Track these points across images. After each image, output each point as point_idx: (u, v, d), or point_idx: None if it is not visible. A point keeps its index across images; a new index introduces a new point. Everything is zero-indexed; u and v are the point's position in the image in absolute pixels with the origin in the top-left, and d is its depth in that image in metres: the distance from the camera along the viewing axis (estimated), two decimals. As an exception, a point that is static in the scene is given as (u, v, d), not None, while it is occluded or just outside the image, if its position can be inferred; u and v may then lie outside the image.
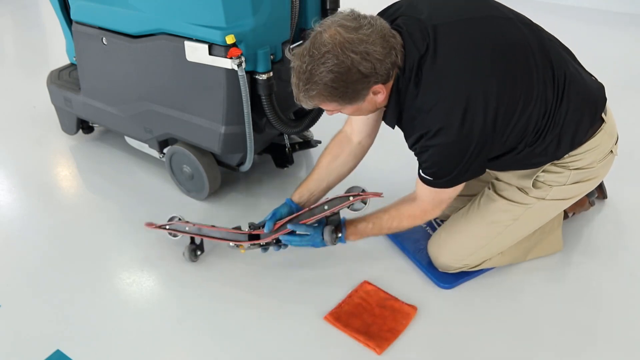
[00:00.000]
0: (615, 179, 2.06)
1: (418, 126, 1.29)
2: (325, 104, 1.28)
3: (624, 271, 1.68)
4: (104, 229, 1.88)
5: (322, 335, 1.48)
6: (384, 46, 1.20)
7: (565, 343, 1.45)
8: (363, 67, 1.18)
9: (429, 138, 1.27)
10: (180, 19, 1.63)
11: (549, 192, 1.48)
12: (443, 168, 1.32)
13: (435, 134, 1.25)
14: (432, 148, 1.28)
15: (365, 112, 1.37)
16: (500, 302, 1.58)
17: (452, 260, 1.58)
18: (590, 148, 1.43)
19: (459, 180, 1.36)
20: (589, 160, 1.45)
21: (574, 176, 1.46)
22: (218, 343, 1.47)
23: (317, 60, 1.19)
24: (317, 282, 1.65)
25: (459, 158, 1.29)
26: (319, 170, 1.63)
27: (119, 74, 1.93)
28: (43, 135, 2.46)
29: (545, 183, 1.47)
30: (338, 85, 1.21)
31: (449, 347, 1.45)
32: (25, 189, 2.13)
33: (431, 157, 1.31)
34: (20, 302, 1.60)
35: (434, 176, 1.34)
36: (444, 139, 1.25)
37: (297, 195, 1.64)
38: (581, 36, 3.56)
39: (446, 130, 1.24)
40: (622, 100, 2.76)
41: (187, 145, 1.89)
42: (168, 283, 1.66)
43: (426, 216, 1.49)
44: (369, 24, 1.20)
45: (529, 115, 1.31)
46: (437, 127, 1.25)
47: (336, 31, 1.18)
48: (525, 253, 1.67)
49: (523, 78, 1.28)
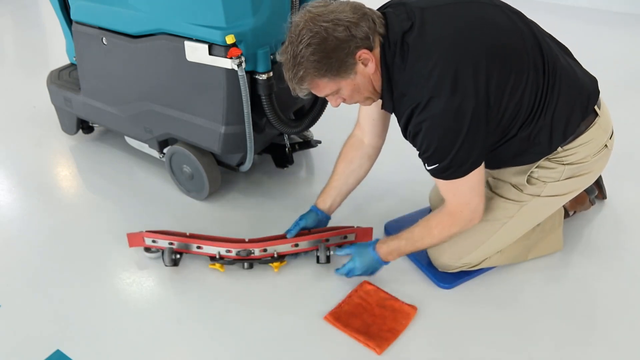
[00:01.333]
0: (615, 179, 2.06)
1: (408, 102, 1.27)
2: (317, 84, 1.29)
3: (624, 271, 1.68)
4: (104, 229, 1.88)
5: (322, 335, 1.48)
6: (355, 12, 1.24)
7: (566, 343, 1.45)
8: (337, 32, 1.21)
9: (420, 111, 1.24)
10: (180, 19, 1.63)
11: (543, 189, 1.48)
12: (441, 148, 1.27)
13: (425, 105, 1.23)
14: (425, 123, 1.25)
15: (365, 92, 1.35)
16: (500, 302, 1.58)
17: (451, 259, 1.58)
18: (584, 142, 1.42)
19: (465, 164, 1.30)
20: (582, 155, 1.44)
21: (568, 171, 1.45)
22: (218, 343, 1.47)
23: (296, 42, 1.23)
24: (317, 282, 1.65)
25: (455, 133, 1.25)
26: (337, 177, 1.67)
27: (119, 74, 1.93)
28: (43, 135, 2.46)
29: (540, 179, 1.47)
30: (320, 57, 1.23)
31: (449, 347, 1.45)
32: (25, 189, 2.13)
33: (426, 136, 1.27)
34: (20, 302, 1.60)
35: (437, 161, 1.30)
36: (435, 110, 1.23)
37: (321, 203, 1.69)
38: (581, 36, 3.56)
39: (437, 100, 1.22)
40: (622, 100, 2.77)
41: (187, 145, 1.89)
42: (168, 283, 1.66)
43: (455, 218, 1.42)
44: (337, 2, 1.26)
45: (521, 94, 1.29)
46: (427, 98, 1.23)
47: (306, 11, 1.25)
48: (525, 252, 1.67)
49: (513, 58, 1.28)
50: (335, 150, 1.72)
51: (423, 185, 1.84)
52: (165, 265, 1.66)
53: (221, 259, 1.66)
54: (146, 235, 1.69)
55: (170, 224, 1.83)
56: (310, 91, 1.33)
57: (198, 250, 1.67)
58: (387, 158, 1.90)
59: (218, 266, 1.66)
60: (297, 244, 1.66)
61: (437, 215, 1.46)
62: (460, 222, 1.42)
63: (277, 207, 1.97)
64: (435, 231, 1.46)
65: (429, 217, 1.48)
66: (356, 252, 1.57)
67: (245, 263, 1.66)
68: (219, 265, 1.66)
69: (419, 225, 1.49)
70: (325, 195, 1.69)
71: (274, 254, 1.65)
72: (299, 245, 1.66)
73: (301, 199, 2.01)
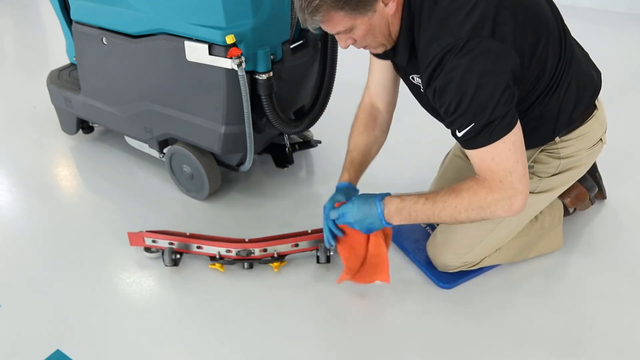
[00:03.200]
0: (615, 179, 2.06)
1: (439, 46, 1.11)
2: (332, 17, 1.17)
3: (624, 271, 1.68)
4: (104, 228, 1.88)
5: (322, 335, 1.48)
6: None
7: (566, 343, 1.45)
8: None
9: (455, 54, 1.09)
10: (180, 18, 1.63)
11: (538, 185, 1.47)
12: (478, 101, 1.10)
13: (462, 47, 1.08)
14: (458, 70, 1.09)
15: (379, 36, 1.23)
16: (500, 301, 1.58)
17: (450, 259, 1.58)
18: (582, 134, 1.40)
19: (506, 118, 1.13)
20: (578, 147, 1.42)
21: (563, 165, 1.43)
22: (218, 343, 1.47)
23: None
24: (317, 282, 1.65)
25: (494, 81, 1.10)
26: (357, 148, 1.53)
27: (119, 74, 1.93)
28: (43, 135, 2.46)
29: (536, 174, 1.45)
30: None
31: (449, 347, 1.45)
32: (25, 189, 2.13)
33: (460, 86, 1.10)
34: (20, 302, 1.60)
35: (473, 119, 1.12)
36: (474, 52, 1.08)
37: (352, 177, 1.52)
38: (581, 36, 3.55)
39: (475, 42, 1.08)
40: (622, 100, 2.77)
41: (187, 145, 1.89)
42: (168, 283, 1.66)
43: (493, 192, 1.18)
44: None
45: (544, 62, 1.22)
46: (465, 39, 1.08)
47: None
48: (525, 250, 1.66)
49: (543, 22, 1.22)
50: (336, 150, 1.72)
51: (426, 187, 1.84)
52: (165, 265, 1.66)
53: (221, 259, 1.66)
54: (146, 235, 1.69)
55: (170, 224, 1.83)
56: (320, 25, 1.20)
57: (198, 250, 1.67)
58: (390, 159, 1.90)
59: (218, 266, 1.66)
60: (297, 243, 1.66)
61: (470, 180, 1.22)
62: (497, 193, 1.17)
63: (277, 207, 1.97)
64: (465, 194, 1.21)
65: (458, 184, 1.24)
66: (359, 198, 1.38)
67: (245, 263, 1.66)
68: (219, 265, 1.66)
69: (446, 189, 1.26)
70: (349, 168, 1.52)
71: (274, 254, 1.65)
72: (299, 245, 1.66)
73: (301, 199, 2.01)
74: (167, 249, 1.65)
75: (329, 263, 1.65)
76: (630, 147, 2.33)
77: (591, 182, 1.82)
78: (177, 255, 1.67)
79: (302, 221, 1.88)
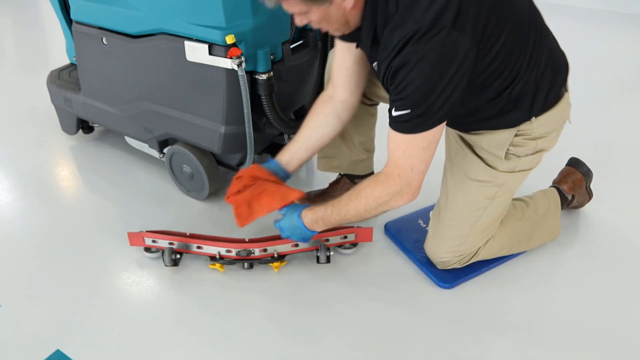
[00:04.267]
0: (615, 179, 2.06)
1: (403, 31, 1.14)
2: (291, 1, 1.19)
3: (624, 272, 1.68)
4: (104, 228, 1.88)
5: (323, 335, 1.48)
6: None
7: (566, 342, 1.45)
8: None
9: (417, 40, 1.12)
10: (180, 18, 1.63)
11: (517, 163, 1.46)
12: (421, 90, 1.16)
13: (424, 34, 1.11)
14: (415, 55, 1.13)
15: (335, 24, 1.26)
16: (500, 301, 1.58)
17: (445, 252, 1.58)
18: (555, 113, 1.41)
19: (436, 115, 1.21)
20: (550, 128, 1.43)
21: (540, 145, 1.44)
22: (218, 343, 1.47)
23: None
24: (317, 282, 1.65)
25: (440, 75, 1.15)
26: (300, 131, 1.58)
27: (119, 74, 1.93)
28: (43, 135, 2.46)
29: (515, 154, 1.45)
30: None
31: (449, 347, 1.45)
32: (25, 189, 2.13)
33: (411, 71, 1.15)
34: (20, 302, 1.60)
35: (411, 106, 1.19)
36: (432, 42, 1.11)
37: (279, 155, 1.61)
38: (581, 36, 3.56)
39: (435, 30, 1.11)
40: (622, 100, 2.77)
41: (187, 145, 1.89)
42: (168, 283, 1.66)
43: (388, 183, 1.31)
44: None
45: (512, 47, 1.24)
46: (427, 26, 1.11)
47: None
48: (522, 238, 1.66)
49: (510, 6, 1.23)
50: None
51: (424, 187, 1.83)
52: (165, 265, 1.66)
53: (221, 259, 1.66)
54: (146, 235, 1.69)
55: (170, 224, 1.83)
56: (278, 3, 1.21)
57: (198, 250, 1.67)
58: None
59: (218, 266, 1.66)
60: (297, 243, 1.66)
61: (369, 178, 1.39)
62: (392, 187, 1.31)
63: (277, 207, 1.97)
64: (363, 193, 1.36)
65: (360, 184, 1.40)
66: (286, 214, 1.53)
67: (246, 263, 1.66)
68: (219, 265, 1.66)
69: (350, 191, 1.41)
70: (285, 149, 1.60)
71: (274, 253, 1.65)
72: (299, 245, 1.66)
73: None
74: (167, 249, 1.65)
75: (329, 263, 1.65)
76: (631, 146, 2.33)
77: (586, 167, 1.85)
78: (177, 255, 1.67)
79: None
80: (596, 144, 2.34)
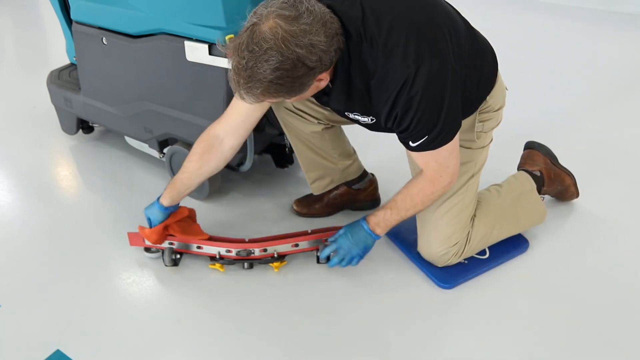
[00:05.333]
0: (614, 178, 2.06)
1: (393, 82, 1.24)
2: (270, 99, 1.24)
3: (624, 272, 1.68)
4: (104, 228, 1.88)
5: (323, 334, 1.48)
6: (327, 34, 1.16)
7: (566, 342, 1.45)
8: (309, 60, 1.15)
9: (411, 85, 1.22)
10: (180, 18, 1.63)
11: (486, 139, 1.57)
12: (430, 118, 1.27)
13: (415, 76, 1.21)
14: (417, 96, 1.23)
15: (306, 97, 1.35)
16: (500, 301, 1.58)
17: (440, 246, 1.59)
18: (499, 87, 1.52)
19: (451, 128, 1.33)
20: (501, 99, 1.54)
21: (499, 116, 1.55)
22: (218, 343, 1.47)
23: (259, 57, 1.13)
24: (317, 282, 1.65)
25: (441, 98, 1.26)
26: (189, 175, 1.59)
27: (118, 74, 1.94)
28: (43, 135, 2.46)
29: (484, 131, 1.54)
30: (284, 82, 1.16)
31: (450, 347, 1.45)
32: (25, 189, 2.13)
33: (418, 109, 1.25)
34: (20, 302, 1.60)
35: (426, 133, 1.30)
36: (424, 78, 1.21)
37: (168, 200, 1.62)
38: (581, 36, 3.57)
39: (422, 68, 1.21)
40: (622, 100, 2.78)
41: (187, 145, 1.89)
42: (168, 283, 1.66)
43: (436, 185, 1.44)
44: (308, 11, 1.15)
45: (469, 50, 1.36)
46: (414, 69, 1.21)
47: (276, 24, 1.13)
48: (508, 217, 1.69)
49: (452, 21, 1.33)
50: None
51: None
52: (165, 265, 1.66)
53: (221, 259, 1.66)
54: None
55: (170, 224, 1.83)
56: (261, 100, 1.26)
57: (198, 250, 1.67)
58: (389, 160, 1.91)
59: (218, 266, 1.66)
60: (297, 243, 1.66)
61: (417, 183, 1.46)
62: (441, 187, 1.46)
63: (277, 208, 1.97)
64: (418, 198, 1.47)
65: (409, 186, 1.48)
66: (346, 230, 1.56)
67: (246, 263, 1.66)
68: (219, 265, 1.66)
69: (401, 193, 1.49)
70: (174, 192, 1.61)
71: (274, 254, 1.65)
72: (299, 245, 1.66)
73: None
74: (167, 249, 1.65)
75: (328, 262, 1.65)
76: (631, 146, 2.33)
77: (544, 147, 1.89)
78: (177, 256, 1.67)
79: (302, 221, 1.89)
80: (596, 144, 2.34)
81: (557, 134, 2.35)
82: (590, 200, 1.94)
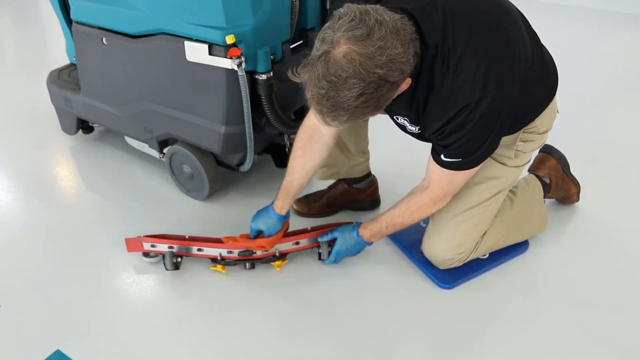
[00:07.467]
0: (615, 178, 2.06)
1: (454, 104, 1.22)
2: (358, 120, 1.21)
3: (624, 272, 1.68)
4: (104, 229, 1.88)
5: (325, 334, 1.48)
6: (403, 42, 1.10)
7: (566, 342, 1.45)
8: (391, 77, 1.10)
9: (470, 111, 1.21)
10: (180, 18, 1.63)
11: (523, 159, 1.55)
12: (475, 144, 1.28)
13: (476, 105, 1.20)
14: (471, 122, 1.22)
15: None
16: (500, 301, 1.58)
17: (448, 252, 1.58)
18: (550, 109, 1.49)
19: (485, 155, 1.33)
20: (549, 122, 1.52)
21: (544, 139, 1.54)
22: (218, 343, 1.47)
23: (340, 87, 1.09)
24: (319, 280, 1.65)
25: (491, 128, 1.26)
26: (297, 176, 1.58)
27: (118, 74, 1.93)
28: (43, 136, 2.46)
29: (522, 151, 1.52)
30: (370, 104, 1.13)
31: (450, 347, 1.45)
32: (25, 189, 2.13)
33: (467, 133, 1.24)
34: (20, 302, 1.60)
35: (463, 155, 1.31)
36: (484, 109, 1.20)
37: (285, 208, 1.61)
38: (581, 36, 3.56)
39: (485, 99, 1.20)
40: (623, 100, 2.77)
41: (187, 145, 1.89)
42: (168, 283, 1.66)
43: (437, 205, 1.47)
44: (378, 23, 1.08)
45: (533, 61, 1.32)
46: (477, 98, 1.19)
47: (349, 49, 1.06)
48: (516, 228, 1.68)
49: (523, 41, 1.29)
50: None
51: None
52: (166, 269, 1.65)
53: (223, 261, 1.66)
54: (144, 240, 1.68)
55: (170, 224, 1.84)
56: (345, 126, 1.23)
57: (199, 252, 1.67)
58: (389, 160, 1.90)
59: (220, 268, 1.66)
60: (297, 241, 1.66)
61: (419, 199, 1.47)
62: (439, 207, 1.48)
63: (277, 207, 1.97)
64: (416, 215, 1.49)
65: (409, 200, 1.49)
66: (340, 237, 1.61)
67: (247, 263, 1.66)
68: (221, 267, 1.66)
69: (398, 207, 1.51)
70: (287, 198, 1.60)
71: (275, 252, 1.65)
72: (300, 243, 1.66)
73: (301, 199, 2.01)
74: (168, 253, 1.64)
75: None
76: (630, 146, 2.33)
77: (559, 153, 1.89)
78: (177, 259, 1.67)
79: (302, 220, 1.88)
80: (596, 144, 2.34)
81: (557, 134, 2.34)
82: (590, 200, 1.94)
